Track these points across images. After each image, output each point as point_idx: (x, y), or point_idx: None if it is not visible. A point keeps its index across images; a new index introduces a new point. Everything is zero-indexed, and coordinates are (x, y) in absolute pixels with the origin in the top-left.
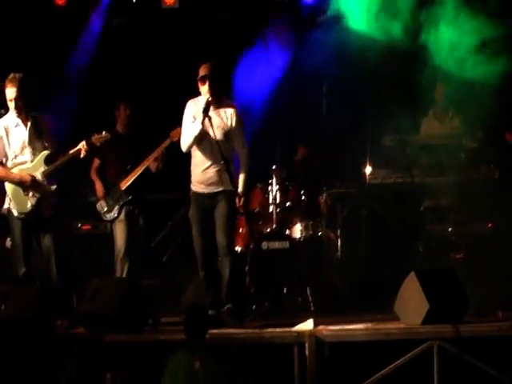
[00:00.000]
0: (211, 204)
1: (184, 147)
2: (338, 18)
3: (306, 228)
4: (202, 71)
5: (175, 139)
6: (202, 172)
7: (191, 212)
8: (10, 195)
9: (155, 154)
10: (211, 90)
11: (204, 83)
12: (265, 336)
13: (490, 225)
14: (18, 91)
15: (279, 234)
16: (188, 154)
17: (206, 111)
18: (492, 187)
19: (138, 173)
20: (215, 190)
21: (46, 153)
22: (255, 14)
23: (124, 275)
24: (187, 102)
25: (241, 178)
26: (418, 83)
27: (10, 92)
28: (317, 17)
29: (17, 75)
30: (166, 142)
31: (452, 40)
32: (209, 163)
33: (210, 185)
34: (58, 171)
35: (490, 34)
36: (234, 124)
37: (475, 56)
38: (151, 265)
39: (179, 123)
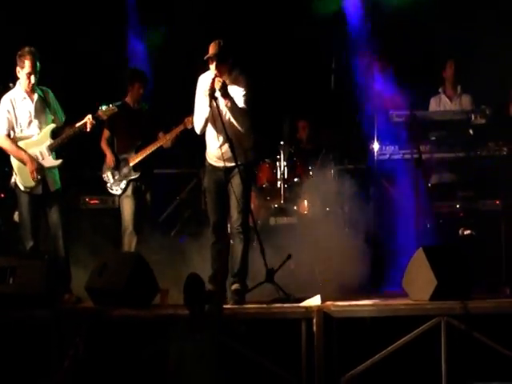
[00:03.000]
0: (226, 178)
1: (197, 130)
2: None
3: (313, 204)
4: (210, 50)
5: (189, 126)
6: (217, 149)
7: (206, 182)
8: (15, 169)
9: (167, 136)
10: (218, 70)
11: (212, 62)
12: (273, 311)
13: (497, 201)
14: (36, 65)
15: (287, 210)
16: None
17: (212, 94)
18: (500, 164)
19: (149, 152)
20: (231, 165)
21: (52, 126)
22: None
23: (132, 250)
24: (197, 74)
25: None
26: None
27: (29, 64)
28: None
29: (32, 48)
30: (180, 128)
31: None
32: (222, 141)
33: (226, 160)
34: (65, 144)
35: None
36: (242, 100)
37: None
38: (159, 240)
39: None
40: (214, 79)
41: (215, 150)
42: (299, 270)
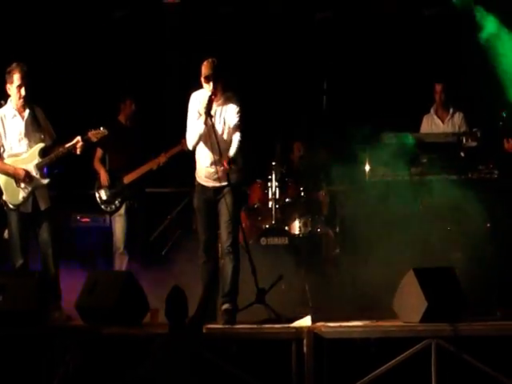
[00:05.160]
0: (216, 197)
1: (190, 146)
2: None
3: (305, 224)
4: (205, 70)
5: (186, 148)
6: (206, 168)
7: (196, 202)
8: (2, 186)
9: (163, 157)
10: (215, 89)
11: (208, 82)
12: (264, 332)
13: (488, 224)
14: (25, 79)
15: (278, 230)
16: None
17: (208, 112)
18: (491, 187)
19: (144, 171)
20: (220, 185)
21: (41, 145)
22: (256, 9)
23: (123, 269)
24: (190, 94)
25: (232, 147)
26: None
27: (18, 77)
28: None
29: (21, 63)
30: (176, 149)
31: None
32: (213, 160)
33: (215, 180)
34: (54, 164)
35: None
36: (236, 118)
37: None
38: (150, 258)
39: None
40: (211, 98)
41: (205, 169)
42: (290, 290)
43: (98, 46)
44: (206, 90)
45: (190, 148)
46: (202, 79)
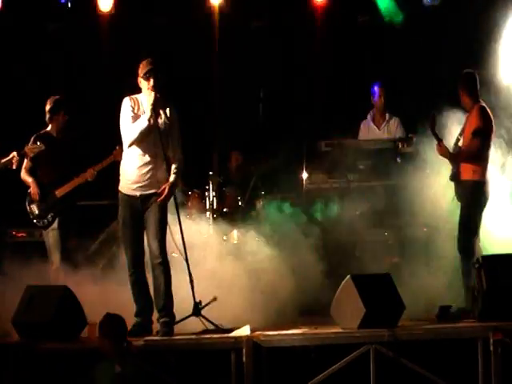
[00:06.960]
0: (142, 207)
1: (128, 143)
2: None
3: (243, 234)
4: (145, 67)
5: (118, 159)
6: (138, 168)
7: (121, 213)
8: None
9: (91, 172)
10: (155, 86)
11: (148, 79)
12: (202, 342)
13: (425, 229)
14: None
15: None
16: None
17: (154, 109)
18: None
19: (76, 184)
20: (148, 192)
21: None
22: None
23: (59, 283)
24: (123, 99)
25: (173, 173)
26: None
27: None
28: None
29: None
30: (109, 160)
31: None
32: (148, 161)
33: (144, 185)
34: None
35: None
36: (173, 123)
37: None
38: (87, 272)
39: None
40: (156, 96)
41: (136, 170)
42: (228, 300)
43: (32, 56)
44: (145, 88)
45: (128, 146)
46: (141, 78)
